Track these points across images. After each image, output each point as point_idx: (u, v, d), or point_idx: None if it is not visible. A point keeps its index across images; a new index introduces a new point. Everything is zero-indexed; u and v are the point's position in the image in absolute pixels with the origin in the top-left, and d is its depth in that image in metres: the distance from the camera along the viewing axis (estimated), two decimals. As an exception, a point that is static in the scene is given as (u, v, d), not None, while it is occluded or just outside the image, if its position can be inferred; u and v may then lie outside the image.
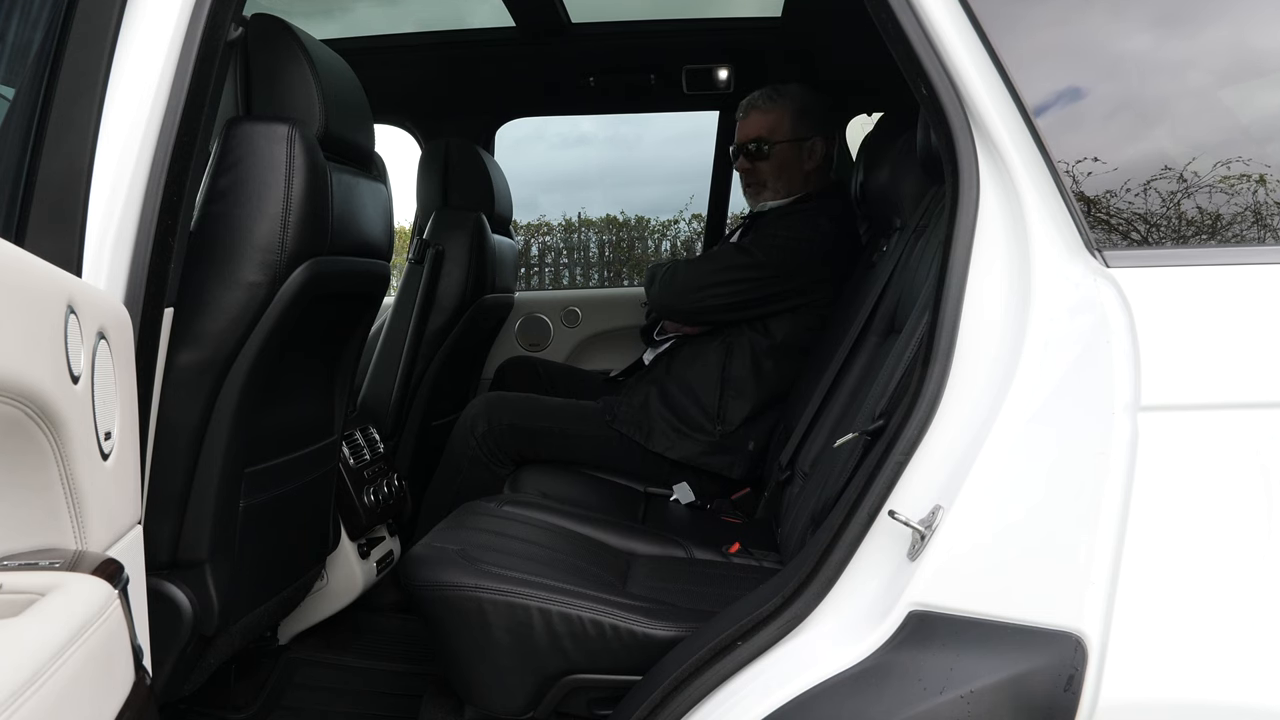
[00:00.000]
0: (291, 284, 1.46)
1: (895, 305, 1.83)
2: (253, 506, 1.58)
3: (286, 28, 1.56)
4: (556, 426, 2.47)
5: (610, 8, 2.97)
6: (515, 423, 2.46)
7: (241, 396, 1.46)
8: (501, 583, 1.46)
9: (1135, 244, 1.12)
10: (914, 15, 1.14)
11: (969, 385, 1.11)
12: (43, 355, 0.78)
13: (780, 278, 2.39)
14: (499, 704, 1.48)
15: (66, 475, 0.84)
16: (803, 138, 2.51)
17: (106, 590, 0.81)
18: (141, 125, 1.14)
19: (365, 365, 2.69)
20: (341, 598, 2.08)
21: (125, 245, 1.12)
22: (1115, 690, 1.00)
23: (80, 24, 1.11)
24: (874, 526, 1.13)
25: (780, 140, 2.50)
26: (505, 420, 2.45)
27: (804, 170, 2.53)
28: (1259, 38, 1.18)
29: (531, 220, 5.37)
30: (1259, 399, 1.05)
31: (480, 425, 2.46)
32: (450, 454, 2.52)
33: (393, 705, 2.05)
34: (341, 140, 1.61)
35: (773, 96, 2.53)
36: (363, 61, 1.84)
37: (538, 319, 3.36)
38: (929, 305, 1.17)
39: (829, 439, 1.77)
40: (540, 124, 3.97)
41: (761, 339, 2.42)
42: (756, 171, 2.54)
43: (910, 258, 1.83)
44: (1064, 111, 1.14)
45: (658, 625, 1.43)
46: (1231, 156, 1.12)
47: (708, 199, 3.37)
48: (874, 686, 1.06)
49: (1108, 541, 1.01)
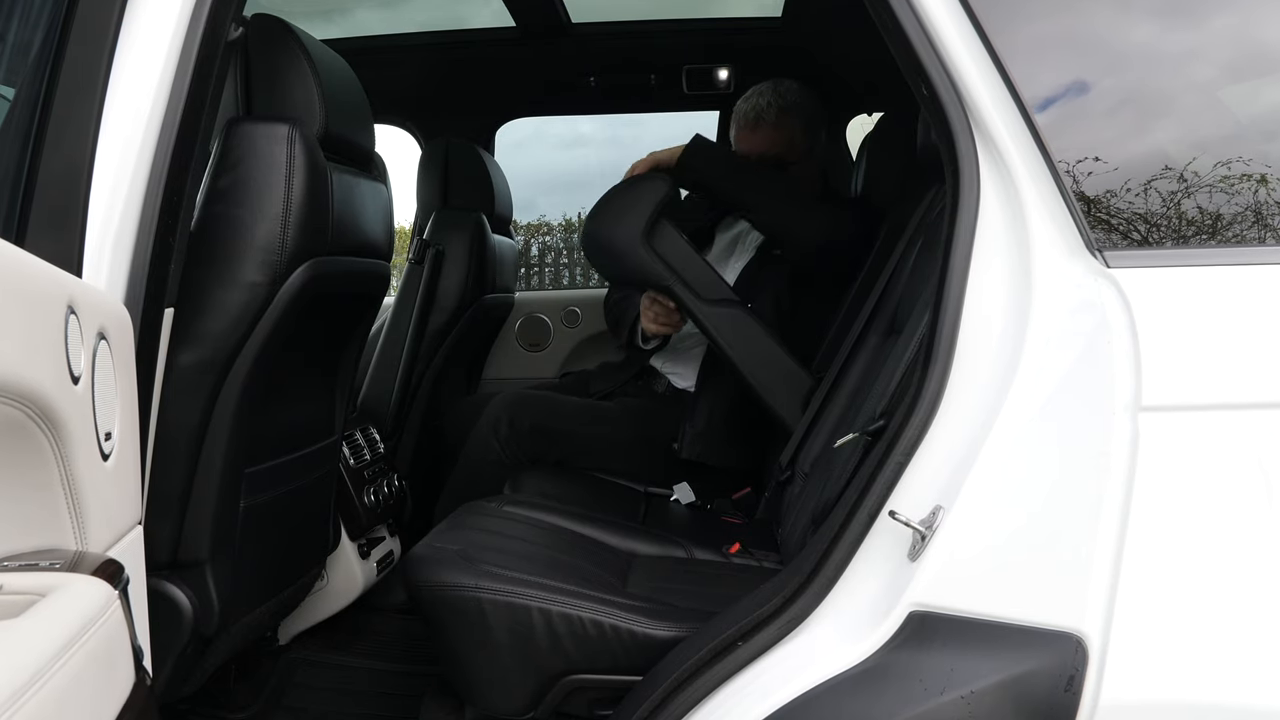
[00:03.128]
0: (292, 284, 1.46)
1: (895, 305, 1.83)
2: (253, 507, 1.58)
3: (287, 28, 1.56)
4: (575, 429, 2.44)
5: (610, 8, 2.97)
6: (537, 424, 2.42)
7: (242, 397, 1.46)
8: (502, 583, 1.46)
9: (1136, 244, 1.12)
10: (914, 14, 1.14)
11: (969, 386, 1.11)
12: (43, 356, 0.78)
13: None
14: (499, 704, 1.48)
15: (67, 476, 0.84)
16: (813, 147, 2.51)
17: (107, 591, 0.81)
18: (142, 125, 1.14)
19: (365, 365, 2.69)
20: (342, 598, 2.08)
21: (125, 245, 1.12)
22: (1116, 691, 1.00)
23: (80, 23, 1.11)
24: (874, 527, 1.13)
25: (796, 160, 2.49)
26: (528, 422, 2.41)
27: (811, 175, 2.54)
28: (1259, 37, 1.18)
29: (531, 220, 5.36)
30: (1259, 399, 1.05)
31: (503, 428, 2.41)
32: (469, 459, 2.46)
33: (393, 705, 2.05)
34: (342, 140, 1.61)
35: (784, 109, 2.48)
36: (363, 61, 1.84)
37: (538, 319, 3.36)
38: (929, 305, 1.17)
39: (829, 439, 1.76)
40: (540, 125, 3.96)
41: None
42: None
43: (910, 258, 1.83)
44: (1064, 112, 1.14)
45: (658, 625, 1.43)
46: (1232, 156, 1.12)
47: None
48: (875, 687, 1.06)
49: (1108, 542, 1.01)
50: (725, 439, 2.32)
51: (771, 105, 2.49)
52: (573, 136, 4.48)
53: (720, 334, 2.12)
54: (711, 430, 2.31)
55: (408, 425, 2.71)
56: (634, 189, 2.16)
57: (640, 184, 2.17)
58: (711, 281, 2.15)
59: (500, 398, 2.51)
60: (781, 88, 2.51)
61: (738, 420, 2.31)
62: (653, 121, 3.51)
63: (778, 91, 2.50)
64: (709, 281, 2.14)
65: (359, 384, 2.64)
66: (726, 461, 2.32)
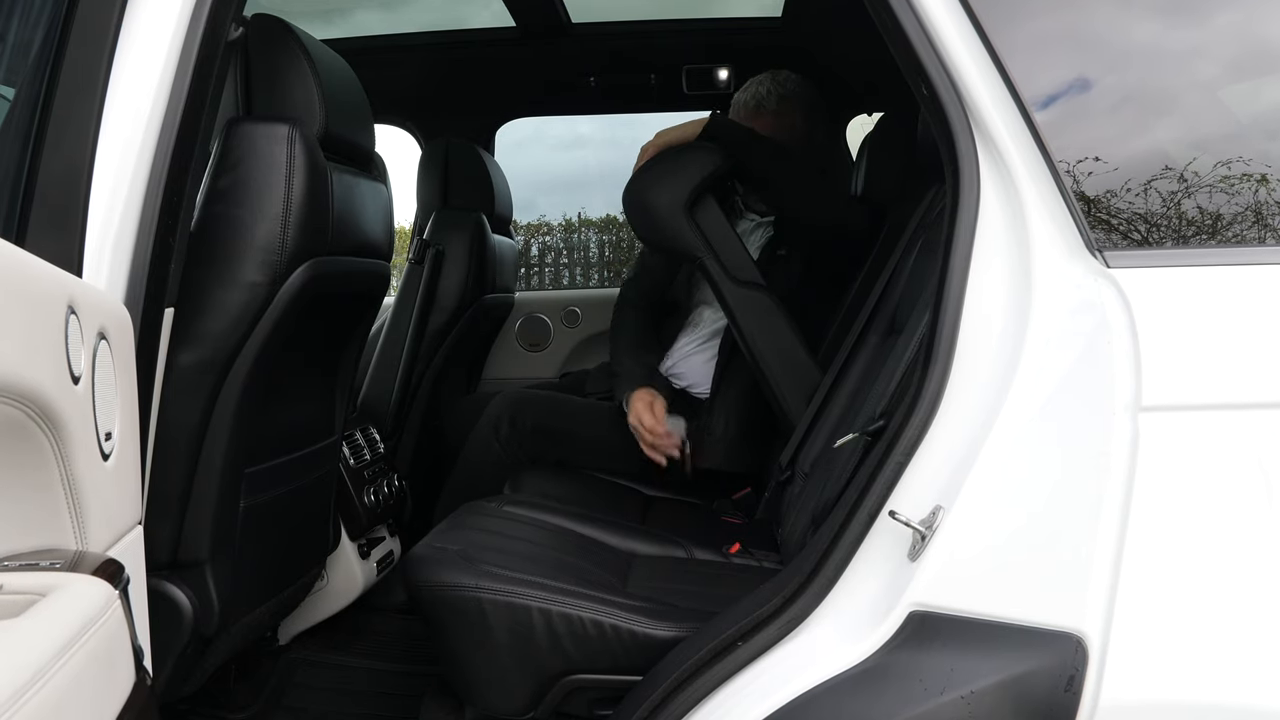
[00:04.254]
0: (292, 284, 1.46)
1: (895, 305, 1.83)
2: (253, 506, 1.58)
3: (287, 28, 1.56)
4: (576, 429, 2.44)
5: (610, 8, 2.97)
6: (539, 423, 2.42)
7: (242, 397, 1.46)
8: (502, 583, 1.46)
9: (1136, 244, 1.12)
10: (914, 14, 1.14)
11: (969, 386, 1.11)
12: (43, 356, 0.78)
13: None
14: (499, 704, 1.48)
15: (67, 475, 0.84)
16: (812, 135, 2.51)
17: (107, 591, 0.81)
18: (142, 125, 1.14)
19: (365, 365, 2.69)
20: (342, 598, 2.08)
21: (126, 245, 1.12)
22: (1116, 691, 1.00)
23: (80, 24, 1.11)
24: (874, 527, 1.13)
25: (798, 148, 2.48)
26: (530, 422, 2.41)
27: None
28: (1260, 34, 1.18)
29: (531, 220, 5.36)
30: (1259, 399, 1.05)
31: (504, 427, 2.40)
32: (469, 458, 2.46)
33: (393, 705, 2.05)
34: (342, 140, 1.61)
35: (784, 97, 2.49)
36: (363, 61, 1.84)
37: (538, 319, 3.36)
38: (929, 305, 1.17)
39: (829, 439, 1.76)
40: (540, 125, 3.96)
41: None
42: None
43: (911, 258, 1.83)
44: (1064, 111, 1.14)
45: (658, 625, 1.43)
46: (1233, 156, 1.12)
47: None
48: (874, 687, 1.06)
49: (1108, 542, 1.01)
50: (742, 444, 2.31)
51: (771, 93, 2.49)
52: (572, 137, 4.48)
53: (743, 317, 2.12)
54: (729, 436, 2.30)
55: (408, 425, 2.70)
56: (684, 156, 2.14)
57: (691, 153, 2.15)
58: (744, 263, 2.14)
59: (501, 397, 2.51)
60: (779, 76, 2.52)
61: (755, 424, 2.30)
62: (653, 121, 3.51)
63: (776, 80, 2.51)
64: (741, 263, 2.14)
65: (359, 384, 2.64)
66: (743, 466, 2.31)
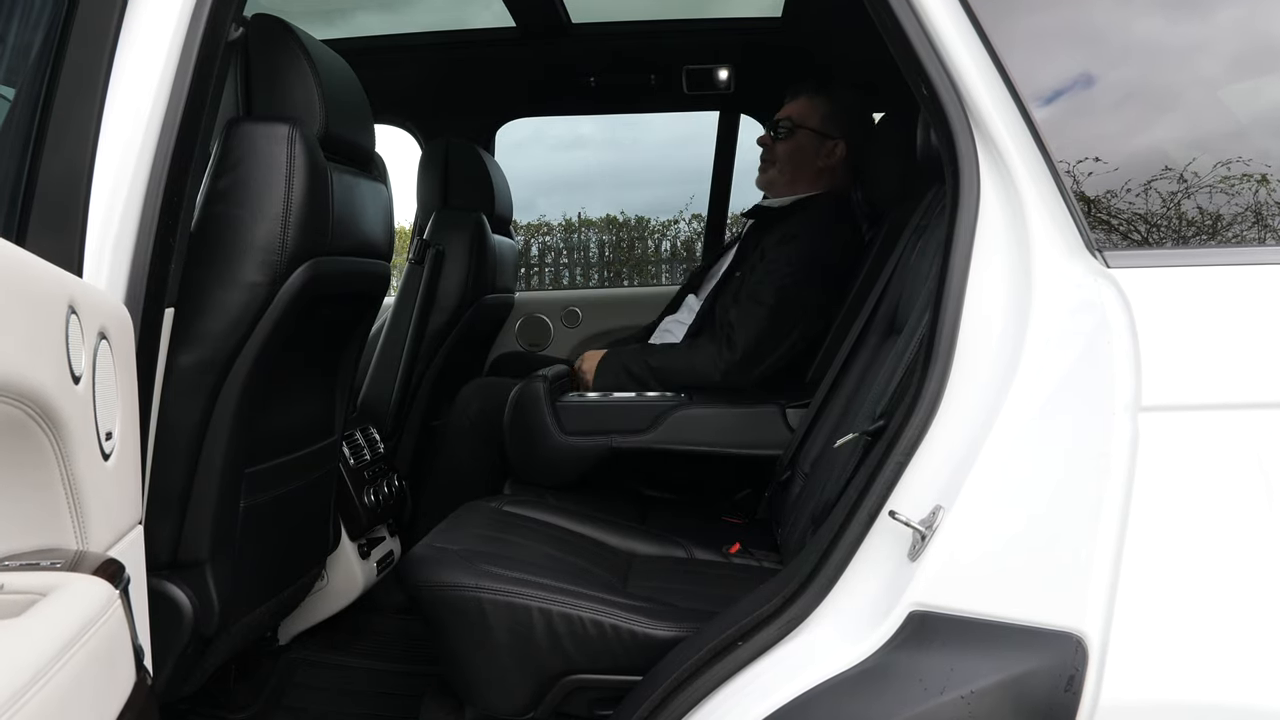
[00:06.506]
0: (292, 284, 1.46)
1: (895, 305, 1.83)
2: (253, 506, 1.58)
3: (287, 28, 1.56)
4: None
5: (610, 8, 2.97)
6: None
7: (242, 397, 1.46)
8: (502, 583, 1.46)
9: (1136, 244, 1.12)
10: (914, 15, 1.14)
11: (969, 386, 1.11)
12: (44, 356, 0.78)
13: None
14: (499, 704, 1.48)
15: (67, 475, 0.84)
16: (828, 134, 2.51)
17: (108, 590, 0.81)
18: (142, 126, 1.14)
19: (365, 365, 2.69)
20: (342, 598, 2.08)
21: (126, 246, 1.12)
22: (1116, 691, 1.00)
23: (80, 25, 1.11)
24: (874, 527, 1.13)
25: (805, 127, 2.50)
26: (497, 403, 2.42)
27: (816, 166, 2.52)
28: (1262, 32, 1.18)
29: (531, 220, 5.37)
30: (1259, 399, 1.05)
31: (474, 405, 2.45)
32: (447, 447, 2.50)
33: (393, 705, 2.05)
34: (342, 140, 1.61)
35: (820, 89, 2.52)
36: (363, 62, 1.84)
37: (538, 319, 3.36)
38: (929, 305, 1.17)
39: (829, 439, 1.77)
40: (540, 125, 3.96)
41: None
42: (773, 150, 2.54)
43: (910, 258, 1.83)
44: (1064, 110, 1.14)
45: (658, 625, 1.43)
46: (1233, 155, 1.12)
47: (708, 199, 3.38)
48: (874, 687, 1.06)
49: (1108, 542, 1.01)
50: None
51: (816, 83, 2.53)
52: (572, 137, 4.49)
53: (682, 442, 2.15)
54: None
55: (408, 425, 2.71)
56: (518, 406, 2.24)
57: (521, 397, 2.25)
58: (633, 410, 2.19)
59: (472, 383, 2.60)
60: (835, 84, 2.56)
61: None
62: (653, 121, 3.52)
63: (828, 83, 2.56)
64: (631, 413, 2.19)
65: (359, 384, 2.65)
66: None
